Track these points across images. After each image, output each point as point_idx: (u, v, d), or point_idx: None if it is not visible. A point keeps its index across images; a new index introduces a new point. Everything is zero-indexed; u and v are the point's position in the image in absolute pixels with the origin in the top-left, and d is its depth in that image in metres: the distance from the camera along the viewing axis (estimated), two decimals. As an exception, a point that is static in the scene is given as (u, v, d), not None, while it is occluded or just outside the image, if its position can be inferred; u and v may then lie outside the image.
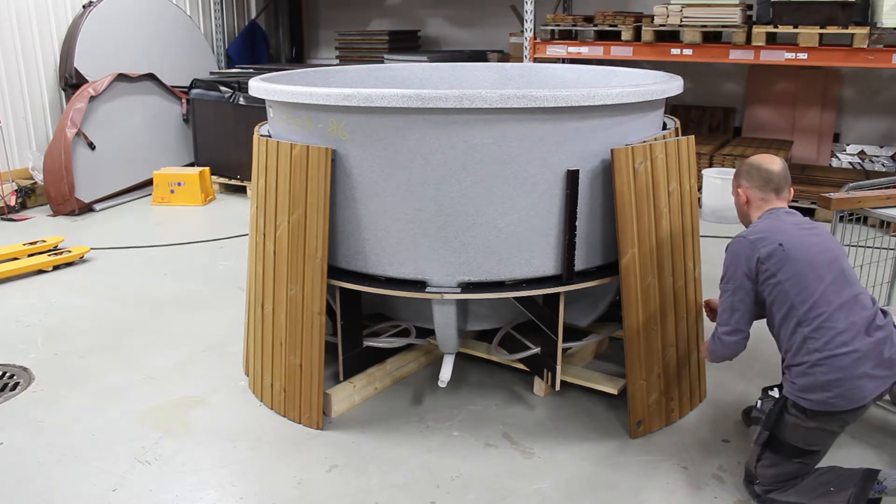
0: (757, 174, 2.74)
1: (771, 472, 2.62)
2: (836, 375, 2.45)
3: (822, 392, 2.46)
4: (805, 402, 2.50)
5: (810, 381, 2.48)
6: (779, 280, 2.55)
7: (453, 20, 9.18)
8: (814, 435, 2.55)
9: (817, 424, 2.52)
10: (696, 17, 6.32)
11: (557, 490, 2.79)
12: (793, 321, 2.54)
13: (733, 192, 2.83)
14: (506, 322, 3.53)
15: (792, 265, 2.54)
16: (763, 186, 2.74)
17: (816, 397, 2.47)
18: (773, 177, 2.73)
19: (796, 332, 2.53)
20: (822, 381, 2.46)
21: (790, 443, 2.58)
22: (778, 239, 2.58)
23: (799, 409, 2.53)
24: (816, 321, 2.49)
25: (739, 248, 2.64)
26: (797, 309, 2.53)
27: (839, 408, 2.46)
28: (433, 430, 3.20)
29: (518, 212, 2.91)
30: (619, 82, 3.91)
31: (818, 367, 2.47)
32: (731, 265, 2.66)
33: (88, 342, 4.04)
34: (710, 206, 6.35)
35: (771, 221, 2.66)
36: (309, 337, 3.09)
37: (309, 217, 2.99)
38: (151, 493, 2.78)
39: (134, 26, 7.70)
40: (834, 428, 2.54)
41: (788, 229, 2.62)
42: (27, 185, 6.73)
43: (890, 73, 7.00)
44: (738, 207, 2.83)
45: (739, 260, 2.63)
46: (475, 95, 2.69)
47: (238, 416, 3.30)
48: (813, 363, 2.48)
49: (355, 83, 4.15)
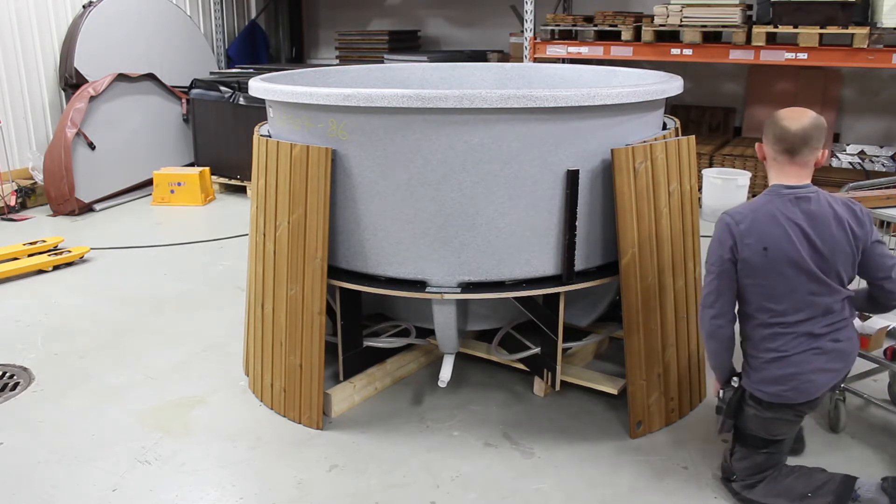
0: (772, 128, 2.43)
1: (743, 465, 2.66)
2: (791, 370, 2.48)
3: (776, 385, 2.51)
4: (761, 394, 2.54)
5: (764, 375, 2.52)
6: (753, 282, 2.50)
7: (453, 20, 9.17)
8: (773, 424, 2.58)
9: (774, 415, 2.56)
10: (696, 17, 6.32)
11: (557, 490, 2.79)
12: (754, 319, 2.54)
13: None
14: (506, 322, 3.52)
15: (768, 271, 2.45)
16: (774, 144, 2.43)
17: (772, 390, 2.52)
18: (787, 135, 2.39)
19: (756, 330, 2.55)
20: (776, 375, 2.50)
21: (754, 434, 2.61)
22: (763, 238, 2.42)
23: (756, 401, 2.57)
24: (777, 327, 2.50)
25: (724, 232, 2.49)
26: (762, 312, 2.52)
27: (793, 400, 2.51)
28: (433, 430, 3.20)
29: (518, 212, 2.91)
30: (619, 82, 3.91)
31: (774, 363, 2.50)
32: (716, 247, 2.52)
33: (88, 342, 4.04)
34: (710, 206, 6.35)
35: (764, 206, 2.46)
36: (309, 337, 3.09)
37: (309, 217, 2.99)
38: (151, 493, 2.78)
39: (134, 26, 7.70)
40: (790, 417, 2.57)
41: (777, 220, 2.42)
42: (27, 185, 6.74)
43: (890, 73, 7.00)
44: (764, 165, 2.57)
45: (724, 244, 2.50)
46: (475, 95, 2.69)
47: (238, 416, 3.30)
48: (769, 360, 2.51)
49: (355, 83, 4.15)
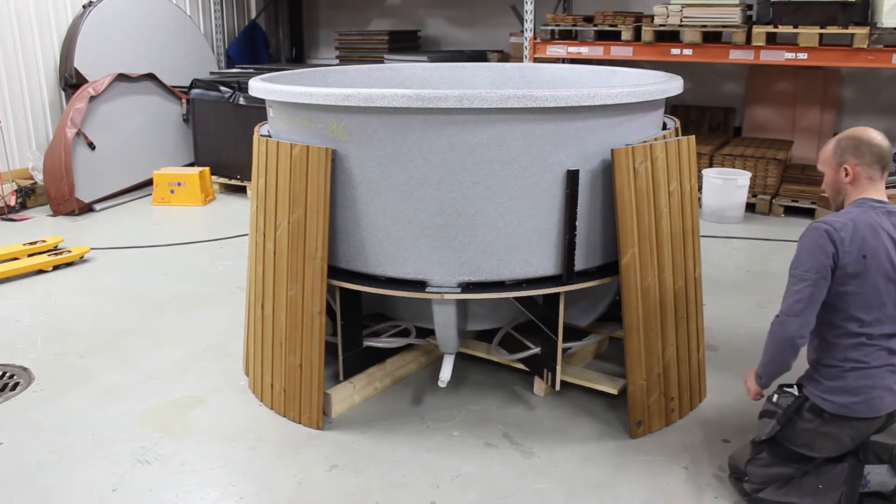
0: (868, 150, 2.48)
1: (763, 473, 2.62)
2: (867, 382, 2.43)
3: (847, 396, 2.45)
4: (827, 405, 2.47)
5: (841, 385, 2.45)
6: (847, 290, 2.42)
7: (453, 20, 9.17)
8: (823, 440, 2.52)
9: (829, 429, 2.49)
10: (696, 17, 6.32)
11: (557, 490, 2.79)
12: (840, 329, 2.47)
13: (832, 169, 2.54)
14: (506, 322, 3.52)
15: (864, 281, 2.41)
16: (873, 164, 2.48)
17: (840, 400, 2.45)
18: (885, 153, 2.49)
19: (840, 339, 2.47)
20: (852, 385, 2.44)
21: (793, 447, 2.56)
22: (863, 247, 2.40)
23: (815, 412, 2.50)
24: (863, 338, 2.45)
25: (823, 239, 2.41)
26: (851, 321, 2.45)
27: (859, 414, 2.45)
28: (433, 430, 3.20)
29: (518, 212, 2.91)
30: (619, 82, 3.91)
31: (852, 373, 2.44)
32: (816, 253, 2.42)
33: (88, 342, 4.04)
34: (710, 206, 6.35)
35: (861, 216, 2.45)
36: (309, 337, 3.09)
37: (309, 217, 2.99)
38: (151, 493, 2.78)
39: (134, 26, 7.70)
40: (845, 434, 2.50)
41: (876, 230, 2.42)
42: (27, 185, 6.73)
43: (890, 73, 7.00)
44: (836, 185, 2.55)
45: (825, 250, 2.40)
46: (475, 95, 2.69)
47: (238, 416, 3.30)
48: (849, 368, 2.45)
49: (355, 83, 4.15)
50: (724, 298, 4.56)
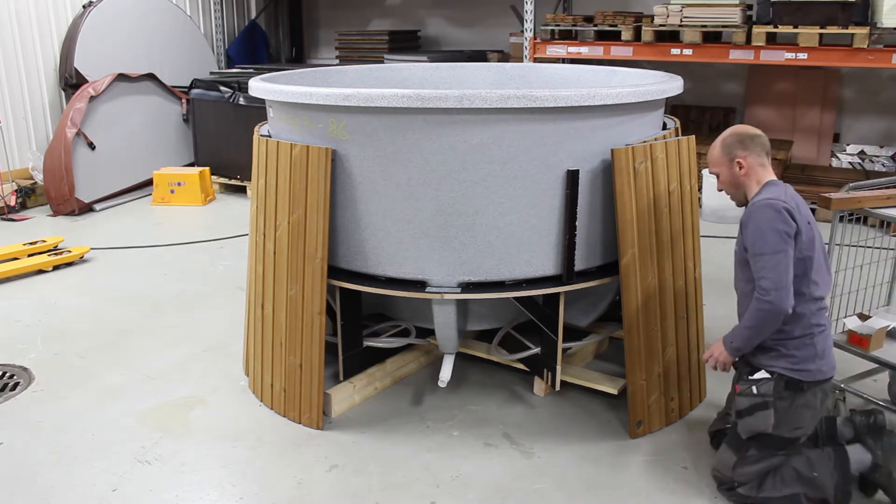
0: (752, 141, 2.68)
1: (755, 469, 2.64)
2: (828, 342, 2.63)
3: (819, 360, 2.59)
4: (804, 375, 2.58)
5: (812, 353, 2.58)
6: (805, 256, 2.54)
7: (453, 20, 9.18)
8: (804, 414, 2.61)
9: (806, 399, 2.59)
10: (696, 17, 6.32)
11: (557, 490, 2.79)
12: (806, 296, 2.57)
13: (725, 166, 2.69)
14: (506, 322, 3.52)
15: (812, 244, 2.57)
16: (760, 153, 2.68)
17: (814, 367, 2.59)
18: (766, 141, 2.71)
19: (806, 306, 2.57)
20: (820, 349, 2.59)
21: (776, 434, 2.61)
22: (806, 215, 2.57)
23: (793, 388, 2.58)
24: (820, 301, 2.61)
25: (778, 212, 2.51)
26: (812, 285, 2.57)
27: (826, 375, 2.61)
28: (433, 430, 3.20)
29: (518, 212, 2.91)
30: (619, 82, 3.91)
31: (818, 337, 2.59)
32: (778, 226, 2.50)
33: (88, 342, 4.04)
34: (710, 206, 6.35)
35: (787, 191, 2.61)
36: (309, 337, 3.09)
37: (309, 217, 2.99)
38: (151, 493, 2.78)
39: (134, 26, 7.70)
40: (817, 403, 2.62)
41: (802, 201, 2.61)
42: (27, 185, 6.74)
43: (890, 73, 7.00)
44: (734, 181, 2.69)
45: (785, 221, 2.50)
46: (475, 95, 2.69)
47: (238, 416, 3.30)
48: (816, 334, 2.58)
49: (355, 83, 4.15)
50: (724, 298, 4.56)
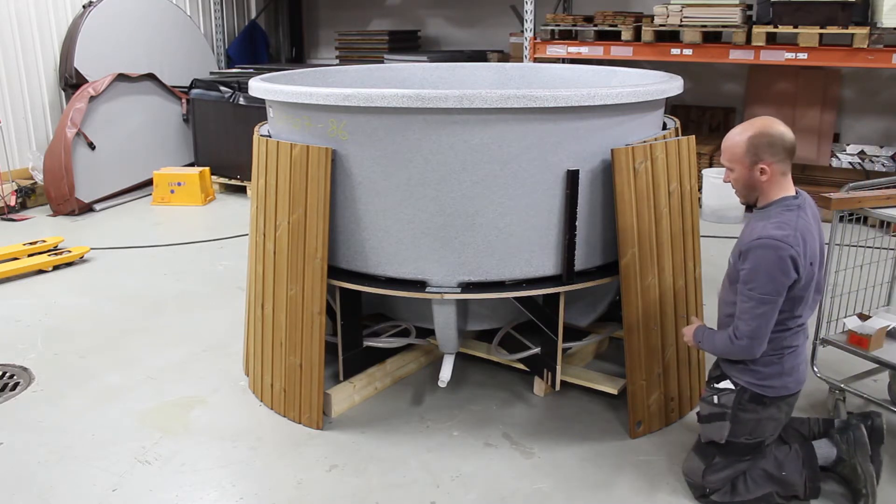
0: (782, 146, 2.45)
1: (724, 476, 2.65)
2: (798, 360, 2.60)
3: (785, 377, 2.57)
4: (768, 391, 2.57)
5: (778, 370, 2.56)
6: (796, 295, 2.46)
7: (453, 20, 9.17)
8: (767, 425, 2.61)
9: (770, 412, 2.59)
10: (696, 17, 6.32)
11: (557, 490, 2.79)
12: (784, 326, 2.52)
13: (745, 167, 2.49)
14: (506, 322, 3.52)
15: (809, 282, 2.47)
16: (786, 159, 2.46)
17: (779, 383, 2.57)
18: (794, 145, 2.47)
19: (780, 333, 2.53)
20: (788, 367, 2.57)
21: (740, 442, 2.62)
22: (810, 255, 2.43)
23: (756, 401, 2.58)
24: (797, 327, 2.56)
25: (786, 263, 2.38)
26: (793, 319, 2.52)
27: (793, 391, 2.60)
28: (433, 430, 3.20)
29: (518, 212, 2.91)
30: (619, 82, 3.91)
31: (788, 357, 2.56)
32: (777, 277, 2.39)
33: (88, 342, 4.04)
34: (710, 206, 6.35)
35: (798, 223, 2.43)
36: (309, 337, 3.09)
37: (309, 217, 2.99)
38: (151, 493, 2.78)
39: (134, 26, 7.70)
40: (781, 415, 2.63)
41: (812, 232, 2.47)
42: (27, 185, 6.73)
43: (890, 73, 6.99)
44: (750, 183, 2.51)
45: (788, 274, 2.39)
46: (475, 95, 2.69)
47: (238, 416, 3.30)
48: (786, 354, 2.56)
49: (355, 83, 4.15)
50: (724, 298, 4.56)
